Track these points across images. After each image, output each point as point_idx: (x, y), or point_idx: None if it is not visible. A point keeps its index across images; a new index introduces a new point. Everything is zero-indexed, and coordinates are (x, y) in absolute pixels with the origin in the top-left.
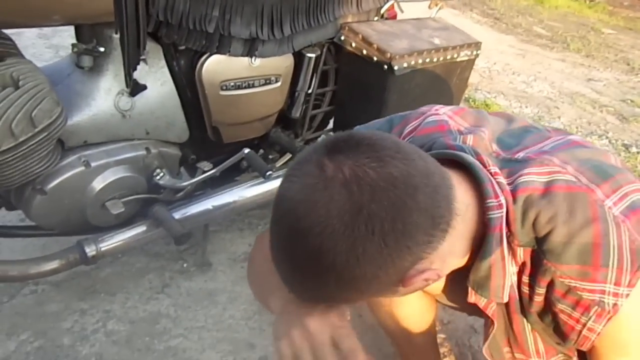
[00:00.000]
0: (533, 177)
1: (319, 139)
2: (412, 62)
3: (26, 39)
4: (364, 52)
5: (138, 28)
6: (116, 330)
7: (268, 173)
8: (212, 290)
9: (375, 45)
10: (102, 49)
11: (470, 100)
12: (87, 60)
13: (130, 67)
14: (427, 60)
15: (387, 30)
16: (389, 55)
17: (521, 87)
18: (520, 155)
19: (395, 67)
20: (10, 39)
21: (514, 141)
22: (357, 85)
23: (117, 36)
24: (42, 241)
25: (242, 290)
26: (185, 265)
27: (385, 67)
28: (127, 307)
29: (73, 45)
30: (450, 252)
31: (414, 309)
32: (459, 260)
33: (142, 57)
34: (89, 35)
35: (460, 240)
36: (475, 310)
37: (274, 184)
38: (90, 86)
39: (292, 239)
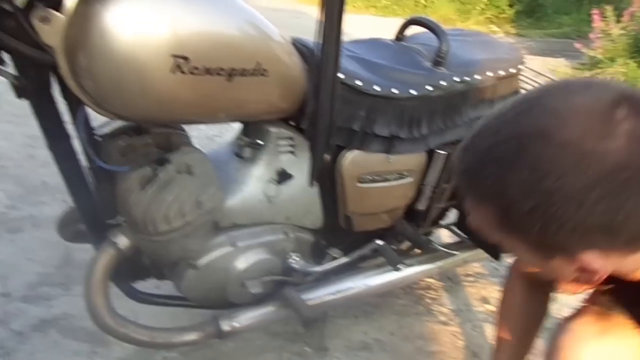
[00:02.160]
0: None
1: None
2: None
3: None
4: None
5: (328, 135)
6: None
7: (400, 267)
8: None
9: None
10: (261, 142)
11: None
12: (247, 152)
13: (317, 168)
14: None
15: None
16: None
17: None
18: None
19: None
20: (184, 130)
21: None
22: None
23: (273, 130)
24: (173, 310)
25: None
26: (305, 348)
27: None
28: None
29: (238, 138)
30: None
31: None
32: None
33: (290, 147)
34: (252, 130)
35: None
36: None
37: (400, 275)
38: (244, 173)
39: (534, 136)
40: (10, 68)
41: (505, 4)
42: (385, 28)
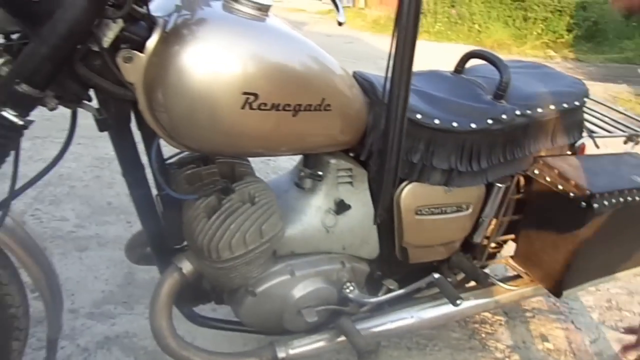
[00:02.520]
0: None
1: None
2: (613, 201)
3: None
4: (560, 187)
5: (395, 173)
6: None
7: (458, 302)
8: None
9: (572, 182)
10: (320, 173)
11: None
12: (308, 183)
13: (384, 206)
14: (629, 199)
15: (584, 166)
16: (588, 192)
17: None
18: None
19: (595, 206)
20: (247, 161)
21: None
22: (548, 218)
23: (334, 162)
24: (230, 334)
25: None
26: None
27: (583, 204)
28: None
29: (300, 169)
30: None
31: None
32: None
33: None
34: (313, 161)
35: None
36: None
37: (455, 309)
38: (304, 203)
39: None
40: (94, 103)
41: (563, 29)
42: (440, 53)
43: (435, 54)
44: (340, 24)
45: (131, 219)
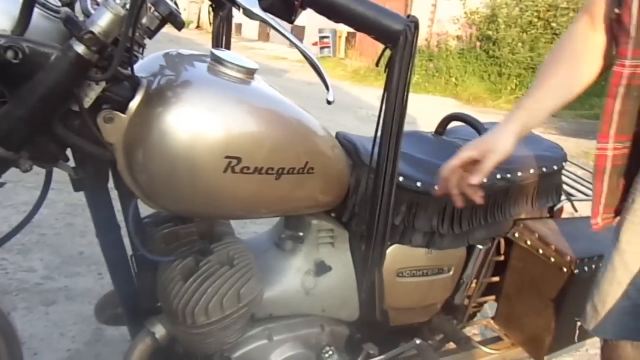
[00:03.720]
0: None
1: None
2: (593, 267)
3: None
4: (540, 251)
5: (384, 236)
6: None
7: None
8: None
9: (553, 246)
10: (301, 234)
11: None
12: (289, 245)
13: (372, 273)
14: None
15: (564, 230)
16: (568, 258)
17: None
18: None
19: (576, 271)
20: (227, 221)
21: None
22: (529, 281)
23: (315, 222)
24: None
25: None
26: None
27: (565, 269)
28: None
29: (281, 231)
30: None
31: None
32: None
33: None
34: (294, 223)
35: None
36: None
37: None
38: (283, 264)
39: None
40: (70, 162)
41: None
42: (417, 104)
43: (412, 105)
44: (329, 102)
45: (102, 270)
